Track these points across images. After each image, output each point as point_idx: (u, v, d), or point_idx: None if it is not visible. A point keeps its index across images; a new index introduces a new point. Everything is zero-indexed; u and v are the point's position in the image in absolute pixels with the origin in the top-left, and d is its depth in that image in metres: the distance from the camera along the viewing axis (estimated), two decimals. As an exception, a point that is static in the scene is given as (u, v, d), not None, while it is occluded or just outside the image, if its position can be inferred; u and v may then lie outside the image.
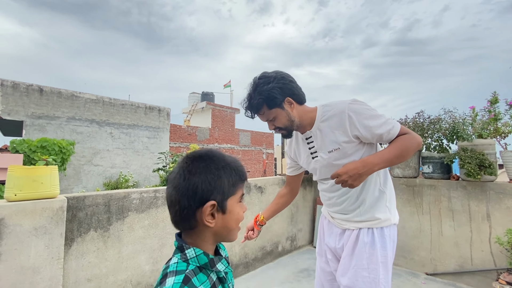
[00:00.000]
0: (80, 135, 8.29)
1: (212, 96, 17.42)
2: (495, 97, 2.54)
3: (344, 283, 1.12)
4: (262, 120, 1.17)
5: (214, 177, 0.59)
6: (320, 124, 1.14)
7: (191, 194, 0.58)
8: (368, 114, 1.05)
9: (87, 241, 1.71)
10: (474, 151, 2.44)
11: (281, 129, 1.16)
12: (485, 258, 2.41)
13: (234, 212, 0.63)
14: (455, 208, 2.61)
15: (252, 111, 1.12)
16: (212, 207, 0.59)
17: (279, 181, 3.26)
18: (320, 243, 1.36)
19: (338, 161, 1.13)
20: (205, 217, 0.59)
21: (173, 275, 0.54)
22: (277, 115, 1.11)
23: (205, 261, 0.59)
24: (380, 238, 1.11)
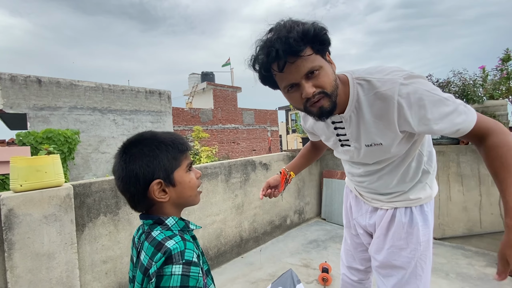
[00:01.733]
0: (84, 124, 8.33)
1: (212, 76, 17.08)
2: (507, 54, 2.40)
3: (379, 259, 1.04)
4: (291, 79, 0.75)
5: (150, 158, 0.63)
6: (356, 107, 0.84)
7: (134, 181, 0.62)
8: (429, 100, 0.73)
9: (98, 225, 1.75)
10: (485, 113, 2.35)
11: (325, 95, 0.76)
12: (495, 221, 2.40)
13: (185, 181, 0.67)
14: (464, 173, 2.57)
15: (290, 47, 0.69)
16: (159, 184, 0.63)
17: (284, 157, 3.25)
18: (348, 217, 1.24)
19: (378, 156, 0.92)
20: (156, 195, 0.63)
21: (169, 239, 0.61)
22: (323, 67, 0.75)
23: (183, 224, 0.67)
24: (421, 216, 0.98)
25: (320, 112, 0.78)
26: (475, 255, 2.40)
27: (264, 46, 0.73)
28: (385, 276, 1.04)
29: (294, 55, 0.70)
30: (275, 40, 0.70)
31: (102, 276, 1.75)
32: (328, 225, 3.34)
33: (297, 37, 0.69)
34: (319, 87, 0.75)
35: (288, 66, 0.72)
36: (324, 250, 2.68)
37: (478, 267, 2.19)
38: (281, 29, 0.71)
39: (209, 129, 13.69)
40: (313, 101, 0.76)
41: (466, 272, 2.13)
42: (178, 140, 0.68)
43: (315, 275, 2.20)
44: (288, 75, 0.74)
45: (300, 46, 0.69)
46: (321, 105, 0.77)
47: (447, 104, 0.75)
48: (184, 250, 0.59)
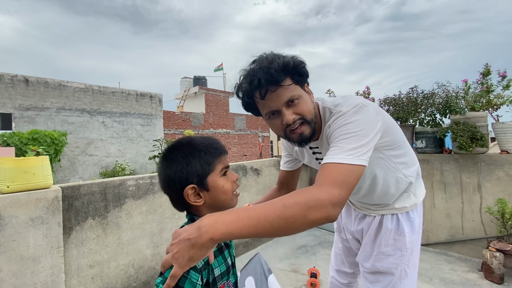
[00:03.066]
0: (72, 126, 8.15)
1: (205, 80, 17.08)
2: (487, 69, 2.53)
3: (367, 266, 1.06)
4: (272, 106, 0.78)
5: (183, 165, 0.66)
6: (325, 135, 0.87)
7: (171, 185, 0.67)
8: (347, 132, 0.73)
9: (86, 229, 1.72)
10: (467, 124, 2.46)
11: (305, 122, 0.80)
12: (476, 228, 2.50)
13: (219, 186, 0.68)
14: (447, 181, 2.67)
15: (271, 77, 0.73)
16: (193, 189, 0.66)
17: (275, 163, 3.28)
18: (338, 222, 1.27)
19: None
20: (190, 199, 0.66)
21: None
22: (302, 96, 0.80)
23: None
24: (407, 222, 1.00)
25: (300, 138, 0.82)
26: (457, 260, 2.48)
27: (247, 75, 0.78)
28: (372, 281, 1.06)
29: (275, 84, 0.75)
30: (258, 70, 0.75)
31: (88, 281, 1.72)
32: (317, 231, 3.37)
33: (277, 68, 0.74)
34: (299, 114, 0.79)
35: (269, 94, 0.77)
36: (313, 255, 2.71)
37: (461, 273, 2.26)
38: (263, 61, 0.77)
39: (200, 133, 13.63)
40: (293, 127, 0.80)
41: (449, 277, 2.20)
42: (212, 145, 0.69)
43: (304, 280, 2.22)
44: (269, 102, 0.78)
45: (281, 76, 0.75)
46: (301, 132, 0.81)
47: (347, 141, 0.72)
48: None
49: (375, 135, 0.75)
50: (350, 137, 0.72)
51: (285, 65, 0.76)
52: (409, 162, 1.01)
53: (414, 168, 1.04)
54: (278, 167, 3.33)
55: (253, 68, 0.78)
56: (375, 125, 0.76)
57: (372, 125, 0.75)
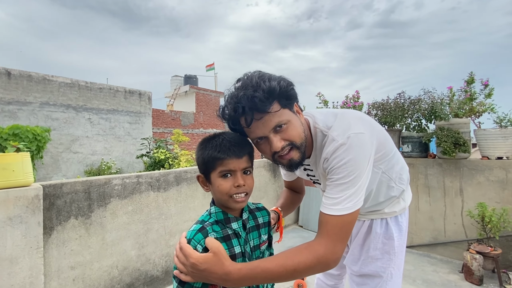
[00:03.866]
0: (56, 122, 7.87)
1: (196, 79, 16.92)
2: (471, 77, 2.62)
3: (355, 269, 1.07)
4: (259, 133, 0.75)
5: (197, 155, 0.78)
6: (316, 154, 0.88)
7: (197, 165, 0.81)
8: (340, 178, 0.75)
9: (68, 229, 1.66)
10: (450, 130, 2.54)
11: (294, 147, 0.77)
12: (457, 230, 2.58)
13: (216, 184, 0.74)
14: (431, 185, 2.75)
15: (257, 104, 0.69)
16: (201, 178, 0.79)
17: (264, 164, 3.28)
18: None
19: None
20: (200, 184, 0.80)
21: (196, 223, 0.76)
22: (290, 120, 0.76)
23: (221, 217, 0.76)
24: (396, 226, 1.02)
25: (290, 164, 0.79)
26: (439, 262, 2.55)
27: (232, 101, 0.73)
28: (359, 284, 1.07)
29: (260, 112, 0.71)
30: (242, 97, 0.70)
31: (69, 283, 1.66)
32: (305, 232, 3.39)
33: (262, 96, 0.69)
34: (287, 140, 0.76)
35: (255, 122, 0.73)
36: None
37: (442, 274, 2.33)
38: (248, 85, 0.72)
39: (190, 132, 13.48)
40: (282, 154, 0.76)
41: (431, 279, 2.26)
42: (220, 148, 0.73)
43: (291, 282, 2.22)
44: (255, 129, 0.74)
45: (266, 104, 0.70)
46: (291, 157, 0.78)
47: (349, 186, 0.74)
48: (191, 240, 0.70)
49: (369, 168, 0.77)
50: (348, 182, 0.73)
51: (271, 90, 0.71)
52: (401, 170, 1.01)
53: (405, 175, 1.05)
54: (268, 168, 3.33)
55: (236, 94, 0.73)
56: (369, 157, 0.77)
57: (366, 160, 0.76)
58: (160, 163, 5.52)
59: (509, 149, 2.40)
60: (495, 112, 2.48)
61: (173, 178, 2.25)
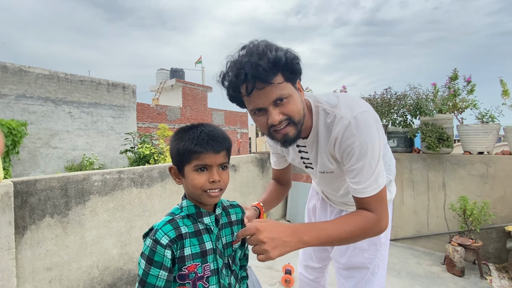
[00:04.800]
0: (33, 115, 7.48)
1: (182, 73, 16.58)
2: (455, 73, 2.67)
3: (342, 261, 1.08)
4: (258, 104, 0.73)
5: (172, 146, 0.74)
6: (316, 135, 0.87)
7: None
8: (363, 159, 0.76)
9: (43, 228, 1.56)
10: (435, 125, 2.59)
11: (292, 122, 0.76)
12: (440, 223, 2.65)
13: (189, 178, 0.71)
14: (415, 179, 2.81)
15: (261, 73, 0.67)
16: (173, 169, 0.75)
17: (252, 159, 3.24)
18: (310, 217, 1.27)
19: (333, 181, 0.98)
20: (172, 176, 0.77)
21: (166, 215, 0.74)
22: (292, 95, 0.75)
23: (193, 211, 0.74)
24: None
25: (284, 139, 0.78)
26: (422, 254, 2.62)
27: (234, 67, 0.71)
28: (346, 277, 1.08)
29: (263, 81, 0.69)
30: (246, 63, 0.68)
31: (45, 285, 1.57)
32: (292, 227, 3.40)
33: (267, 66, 0.67)
34: (286, 115, 0.74)
35: (256, 92, 0.70)
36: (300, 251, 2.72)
37: (425, 266, 2.39)
38: (253, 52, 0.69)
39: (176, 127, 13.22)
40: (278, 128, 0.75)
41: (415, 271, 2.31)
42: (197, 141, 0.70)
43: (278, 277, 2.21)
44: (256, 99, 0.73)
45: (270, 73, 0.68)
46: (286, 132, 0.76)
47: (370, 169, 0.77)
48: (158, 230, 0.68)
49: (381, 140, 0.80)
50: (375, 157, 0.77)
51: (276, 61, 0.68)
52: (389, 161, 1.04)
53: (393, 167, 1.06)
54: (256, 163, 3.29)
55: (241, 59, 0.70)
56: (378, 131, 0.79)
57: (377, 135, 0.78)
58: (145, 159, 5.36)
59: (490, 144, 2.47)
60: (477, 108, 2.55)
61: (157, 174, 2.17)
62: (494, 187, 2.37)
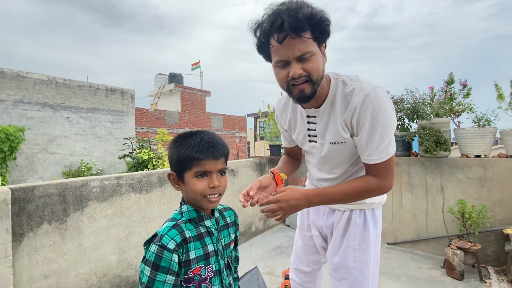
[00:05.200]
0: (31, 121, 7.46)
1: (181, 77, 16.62)
2: (451, 78, 2.70)
3: (335, 262, 1.10)
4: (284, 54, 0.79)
5: (171, 153, 0.76)
6: (331, 103, 0.91)
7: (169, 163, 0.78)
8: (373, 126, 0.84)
9: (41, 235, 1.55)
10: (432, 129, 2.61)
11: (309, 80, 0.81)
12: (439, 227, 2.66)
13: (190, 184, 0.73)
14: (414, 183, 2.82)
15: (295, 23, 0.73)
16: (172, 176, 0.77)
17: (251, 164, 3.24)
18: (303, 218, 1.29)
19: (339, 157, 0.99)
20: (170, 182, 0.78)
21: (168, 221, 0.75)
22: (315, 54, 0.80)
23: (194, 215, 0.76)
24: (372, 219, 1.07)
25: (300, 95, 0.84)
26: (422, 258, 2.62)
27: (272, 14, 0.76)
28: (340, 279, 1.09)
29: (296, 31, 0.75)
30: (284, 11, 0.74)
31: (42, 292, 1.55)
32: (291, 232, 3.39)
33: (304, 16, 0.73)
34: (306, 71, 0.80)
35: (287, 40, 0.76)
36: (287, 257, 2.71)
37: (425, 270, 2.38)
38: (292, 5, 0.75)
39: (175, 132, 13.22)
40: (297, 82, 0.81)
41: (415, 275, 2.30)
42: (198, 147, 0.73)
43: (278, 283, 2.20)
44: (283, 50, 0.79)
45: (304, 26, 0.74)
46: (303, 88, 0.82)
47: (388, 137, 0.86)
48: (164, 235, 0.69)
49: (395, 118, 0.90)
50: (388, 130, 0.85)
51: (312, 16, 0.75)
52: None
53: None
54: (255, 168, 3.29)
55: (279, 9, 0.76)
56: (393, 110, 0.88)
57: (393, 109, 0.88)
58: (143, 164, 5.35)
59: (487, 148, 2.49)
60: (473, 112, 2.57)
61: (156, 179, 2.16)
62: (492, 190, 2.39)
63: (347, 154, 0.97)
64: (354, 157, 0.98)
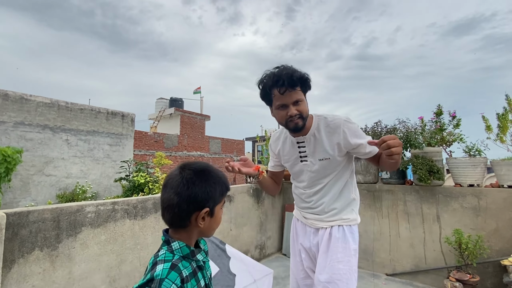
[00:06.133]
0: (30, 142, 7.49)
1: (181, 102, 16.99)
2: (439, 109, 2.82)
3: (323, 279, 1.20)
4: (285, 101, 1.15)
5: (211, 189, 0.74)
6: (316, 132, 1.25)
7: (191, 201, 0.71)
8: (359, 133, 1.22)
9: (31, 262, 1.52)
10: (425, 158, 2.67)
11: (301, 117, 1.17)
12: (437, 257, 2.61)
13: (218, 216, 0.78)
14: (410, 211, 2.81)
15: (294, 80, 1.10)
16: (206, 212, 0.74)
17: (248, 189, 3.25)
18: (294, 244, 1.44)
19: (325, 170, 1.27)
20: (199, 220, 0.73)
21: (162, 263, 0.67)
22: (304, 101, 1.18)
23: (187, 251, 0.73)
24: (350, 233, 1.27)
25: (295, 127, 1.19)
26: (421, 291, 2.54)
27: (273, 75, 1.13)
28: None
29: (292, 87, 1.12)
30: (284, 74, 1.11)
31: (27, 324, 1.48)
32: (288, 261, 3.29)
33: (296, 78, 1.11)
34: (299, 111, 1.16)
35: (287, 92, 1.13)
36: (284, 287, 2.62)
37: (424, 303, 2.30)
38: (288, 68, 1.13)
39: (173, 155, 13.23)
40: (293, 119, 1.16)
41: (414, 309, 2.22)
42: (227, 181, 0.81)
43: None
44: (284, 98, 1.15)
45: (296, 83, 1.12)
46: (297, 122, 1.18)
47: (364, 139, 1.20)
48: (164, 279, 0.63)
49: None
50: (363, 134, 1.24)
51: (301, 76, 1.13)
52: (355, 183, 1.38)
53: (358, 193, 1.38)
54: (252, 194, 3.29)
55: (279, 72, 1.12)
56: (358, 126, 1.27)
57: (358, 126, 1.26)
58: (139, 187, 5.30)
59: (479, 177, 2.53)
60: (464, 142, 2.65)
61: (151, 205, 2.16)
62: (487, 220, 2.39)
63: (332, 166, 1.26)
64: (337, 168, 1.27)
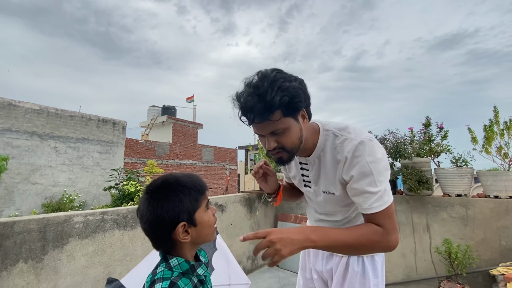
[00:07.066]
0: (16, 149, 7.29)
1: (174, 110, 16.93)
2: (427, 121, 2.90)
3: None
4: (258, 132, 0.84)
5: (175, 203, 0.67)
6: (321, 154, 0.94)
7: (160, 224, 0.66)
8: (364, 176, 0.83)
9: (14, 274, 1.46)
10: (414, 168, 2.73)
11: (284, 150, 0.85)
12: (428, 267, 2.63)
13: (204, 221, 0.71)
14: (401, 221, 2.85)
15: (258, 113, 0.76)
16: (183, 226, 0.67)
17: (240, 199, 3.23)
18: (304, 261, 1.27)
19: (334, 206, 1.01)
20: (180, 236, 0.67)
21: (161, 281, 0.64)
22: (288, 128, 0.82)
23: (187, 267, 0.69)
24: (371, 266, 1.03)
25: (278, 161, 0.90)
26: (413, 301, 2.54)
27: (241, 100, 0.80)
28: None
29: (261, 119, 0.78)
30: (248, 101, 0.76)
31: None
32: (281, 272, 3.26)
33: (262, 108, 0.75)
34: (280, 144, 0.84)
35: (255, 124, 0.82)
36: (275, 299, 2.58)
37: (416, 314, 2.31)
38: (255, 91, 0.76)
39: (165, 163, 13.07)
40: (273, 153, 0.87)
41: (406, 320, 2.22)
42: (198, 182, 0.72)
43: None
44: (255, 128, 0.84)
45: (265, 115, 0.76)
46: (279, 157, 0.88)
47: (380, 185, 0.83)
48: None
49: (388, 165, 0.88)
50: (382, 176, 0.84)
51: (272, 104, 0.74)
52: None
53: None
54: (244, 203, 3.27)
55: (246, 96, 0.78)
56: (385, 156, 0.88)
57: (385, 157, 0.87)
58: (129, 196, 5.20)
59: (466, 187, 2.60)
60: (451, 153, 2.72)
61: (142, 215, 2.12)
62: (475, 230, 2.44)
63: (342, 204, 0.98)
64: (351, 206, 0.99)
